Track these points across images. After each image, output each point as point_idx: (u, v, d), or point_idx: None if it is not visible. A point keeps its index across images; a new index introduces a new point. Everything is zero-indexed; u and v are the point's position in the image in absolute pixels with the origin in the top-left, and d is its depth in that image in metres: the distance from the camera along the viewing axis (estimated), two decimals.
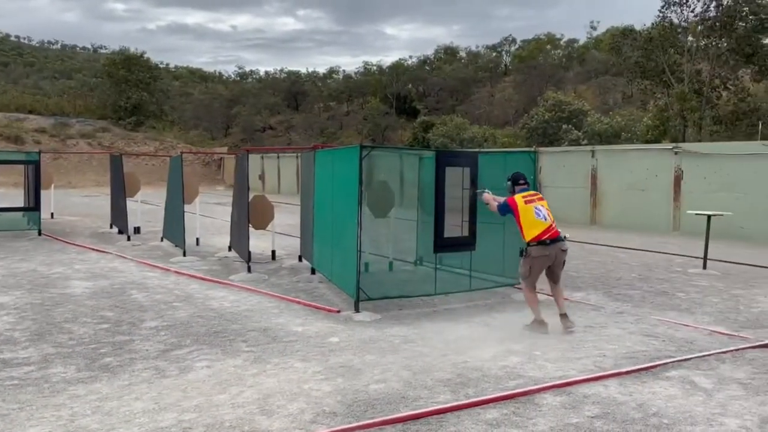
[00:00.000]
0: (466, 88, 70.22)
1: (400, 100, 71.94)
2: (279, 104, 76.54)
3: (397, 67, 78.68)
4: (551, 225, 6.38)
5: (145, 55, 45.94)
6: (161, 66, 68.00)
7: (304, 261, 10.24)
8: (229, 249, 11.56)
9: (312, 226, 9.35)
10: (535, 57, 69.01)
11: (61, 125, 39.19)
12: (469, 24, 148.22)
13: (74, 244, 12.36)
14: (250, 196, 10.03)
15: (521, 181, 6.61)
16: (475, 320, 6.78)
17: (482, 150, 20.18)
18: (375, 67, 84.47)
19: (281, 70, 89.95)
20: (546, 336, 6.10)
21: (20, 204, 15.40)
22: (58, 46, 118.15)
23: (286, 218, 14.72)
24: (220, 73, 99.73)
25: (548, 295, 7.78)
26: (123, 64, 43.04)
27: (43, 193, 14.50)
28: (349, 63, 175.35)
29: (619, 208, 17.28)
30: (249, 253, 9.60)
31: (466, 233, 7.86)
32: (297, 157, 30.34)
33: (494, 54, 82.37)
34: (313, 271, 9.39)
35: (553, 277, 6.55)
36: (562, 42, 77.30)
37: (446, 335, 6.11)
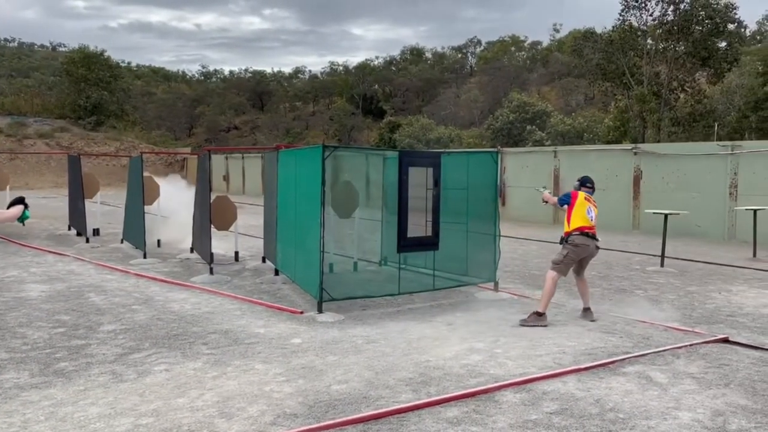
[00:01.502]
0: (432, 89, 70.62)
1: (367, 101, 71.95)
2: (244, 104, 75.74)
3: (364, 68, 78.68)
4: (593, 226, 6.94)
5: (106, 54, 44.98)
6: (123, 65, 66.59)
7: (268, 262, 10.15)
8: (191, 250, 11.39)
9: (275, 227, 9.28)
10: (500, 58, 69.82)
11: (17, 125, 38.05)
12: (435, 25, 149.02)
13: (30, 247, 12.02)
14: (213, 197, 9.89)
15: (588, 184, 7.16)
16: (438, 319, 6.82)
17: (445, 150, 20.33)
18: (341, 68, 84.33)
19: (246, 70, 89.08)
20: (507, 334, 6.17)
21: None
22: (15, 43, 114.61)
23: (250, 219, 14.57)
24: (183, 72, 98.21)
25: (514, 294, 7.89)
26: (82, 63, 42.01)
27: None
28: (316, 63, 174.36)
29: None
30: (211, 254, 9.46)
31: (429, 233, 7.90)
32: (262, 157, 30.10)
33: (460, 55, 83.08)
34: (276, 272, 9.31)
35: (581, 270, 7.12)
36: (526, 44, 78.43)
37: (409, 335, 6.13)
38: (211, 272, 9.27)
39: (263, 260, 10.43)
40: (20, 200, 3.53)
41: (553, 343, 5.86)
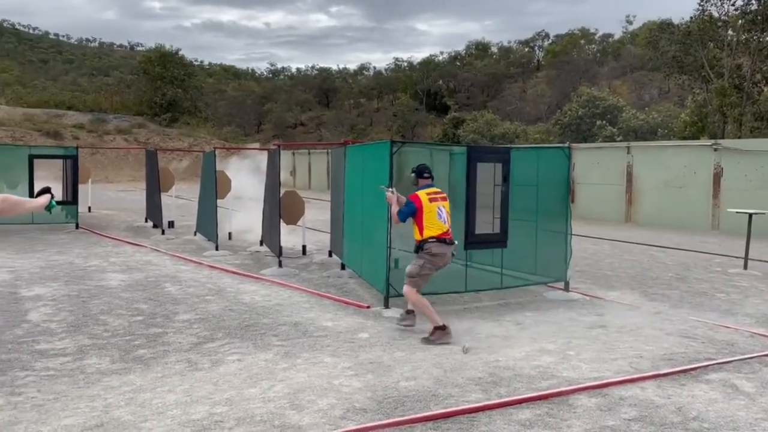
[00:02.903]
0: (498, 84, 69.58)
1: (431, 97, 71.65)
2: (310, 101, 77.02)
3: (428, 63, 78.36)
4: (448, 230, 6.03)
5: (180, 53, 46.65)
6: (196, 63, 68.93)
7: (334, 256, 10.24)
8: (261, 244, 11.64)
9: (342, 222, 9.35)
10: (569, 52, 67.90)
11: (98, 121, 40.06)
12: (501, 19, 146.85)
13: (110, 237, 12.60)
14: (282, 192, 10.07)
15: (425, 174, 6.22)
16: (506, 319, 6.68)
17: (515, 145, 19.94)
18: (405, 64, 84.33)
19: (312, 67, 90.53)
20: (579, 336, 5.97)
21: (58, 198, 15.76)
22: (96, 43, 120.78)
23: (317, 214, 14.76)
24: (252, 70, 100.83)
25: (586, 295, 7.64)
26: (158, 61, 43.74)
27: (80, 187, 14.83)
28: (380, 59, 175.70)
29: (655, 206, 16.89)
30: (280, 248, 9.64)
31: (497, 230, 7.75)
32: (327, 153, 30.44)
33: (527, 49, 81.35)
34: (343, 267, 9.38)
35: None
36: (596, 37, 75.98)
37: (477, 333, 6.03)
38: (280, 265, 9.44)
39: (330, 254, 10.54)
40: (47, 190, 3.60)
41: (629, 346, 5.63)
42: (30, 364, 4.85)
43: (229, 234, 12.62)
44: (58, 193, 15.25)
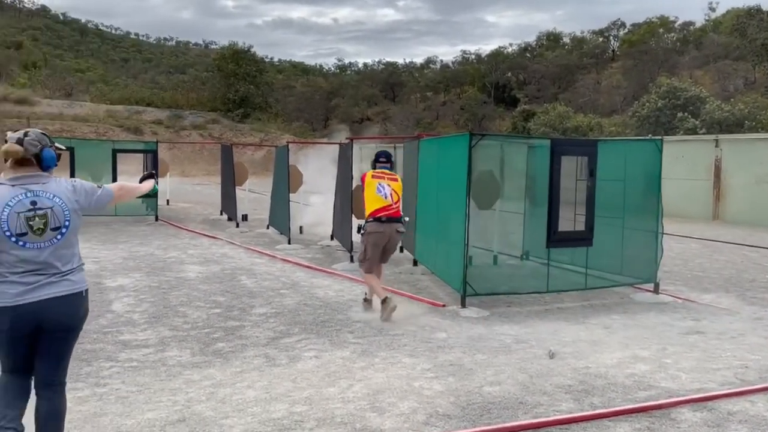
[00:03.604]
0: (570, 76, 67.46)
1: (499, 89, 70.32)
2: (376, 95, 77.18)
3: (497, 56, 76.91)
4: (391, 205, 6.27)
5: (252, 50, 47.70)
6: (266, 60, 70.45)
7: (406, 252, 10.08)
8: (332, 238, 11.62)
9: (414, 217, 9.16)
10: (647, 41, 64.91)
11: (175, 117, 41.56)
12: (573, 8, 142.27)
13: (188, 230, 12.92)
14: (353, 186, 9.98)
15: (382, 159, 6.58)
16: (592, 321, 6.31)
17: (602, 138, 19.14)
18: (473, 56, 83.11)
19: (379, 62, 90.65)
20: (675, 342, 5.55)
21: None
22: (173, 42, 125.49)
23: None
24: (320, 66, 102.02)
25: (678, 297, 7.18)
26: (232, 59, 44.87)
27: (159, 180, 15.31)
28: (447, 53, 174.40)
29: (746, 203, 15.81)
30: (351, 242, 9.56)
31: (581, 227, 7.36)
32: (394, 147, 30.37)
33: (600, 39, 78.38)
34: (415, 263, 9.20)
35: (383, 257, 6.47)
36: (676, 25, 72.25)
37: (562, 336, 5.71)
38: (352, 260, 9.36)
39: (401, 250, 10.37)
40: (150, 175, 3.77)
41: (732, 355, 5.17)
42: (114, 355, 4.93)
43: (300, 228, 12.68)
44: None
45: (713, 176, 16.54)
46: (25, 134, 3.01)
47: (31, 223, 2.88)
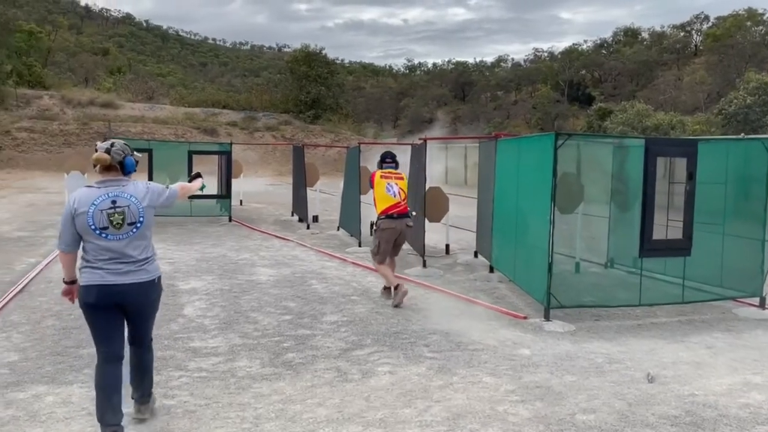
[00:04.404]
0: (649, 72, 64.63)
1: (573, 87, 68.20)
2: (446, 95, 76.54)
3: (571, 53, 74.66)
4: (400, 202, 6.85)
5: (324, 52, 48.17)
6: (337, 62, 71.21)
7: (481, 257, 9.65)
8: None
9: (491, 221, 8.73)
10: (733, 35, 61.14)
11: (249, 119, 42.49)
12: (652, 3, 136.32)
13: (260, 231, 12.96)
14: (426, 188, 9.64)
15: (388, 159, 7.14)
16: (692, 340, 5.70)
17: (703, 137, 17.97)
18: (546, 54, 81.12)
19: (449, 62, 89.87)
20: None
21: (214, 191, 16.61)
22: (248, 46, 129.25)
23: (454, 209, 14.18)
24: (390, 66, 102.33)
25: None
26: (304, 61, 45.43)
27: (233, 181, 15.50)
28: (519, 51, 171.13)
29: None
30: (423, 246, 9.23)
31: (676, 235, 6.72)
32: (465, 147, 29.82)
33: (682, 34, 74.61)
34: (491, 269, 8.77)
35: (395, 251, 6.99)
36: (765, 17, 67.71)
37: (660, 357, 5.17)
38: (424, 265, 9.04)
39: (475, 255, 9.96)
40: (198, 175, 4.32)
41: None
42: (184, 363, 4.80)
43: (371, 229, 12.45)
44: (213, 187, 16.17)
45: None
46: (112, 145, 3.58)
47: (111, 218, 3.45)
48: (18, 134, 32.31)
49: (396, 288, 6.65)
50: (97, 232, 3.43)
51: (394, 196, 6.82)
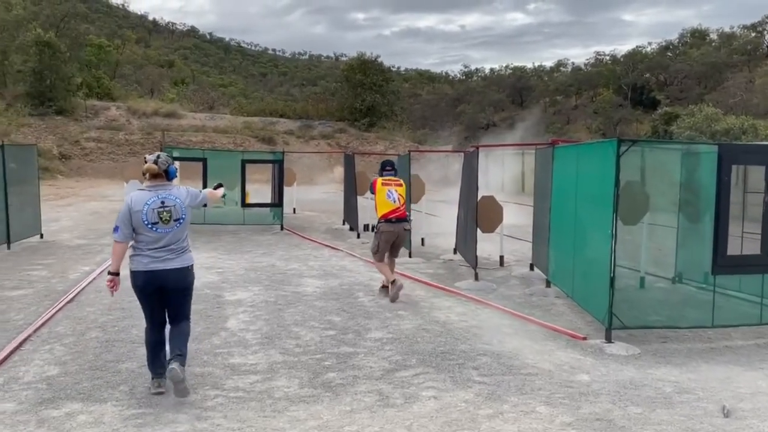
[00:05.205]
0: (717, 75, 61.73)
1: (636, 91, 65.88)
2: (503, 101, 75.41)
3: (634, 56, 72.20)
4: (399, 207, 7.48)
5: (379, 59, 48.26)
6: (393, 69, 71.35)
7: (537, 270, 9.19)
8: (455, 252, 10.98)
9: (548, 232, 8.28)
10: None
11: (305, 127, 42.97)
12: (721, 3, 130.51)
13: (310, 240, 12.86)
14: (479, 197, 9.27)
15: (388, 168, 7.72)
16: None
17: None
18: (608, 57, 78.68)
19: (506, 67, 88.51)
20: None
21: (267, 200, 16.69)
22: (306, 56, 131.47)
23: (509, 218, 13.69)
24: (446, 73, 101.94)
25: None
26: (359, 69, 45.63)
27: (286, 189, 15.52)
28: (579, 55, 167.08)
29: None
30: (476, 258, 8.86)
31: (754, 249, 6.14)
32: (522, 154, 29.14)
33: (753, 34, 71.02)
34: (548, 284, 8.31)
35: (393, 252, 7.66)
36: None
37: (737, 386, 4.65)
38: (477, 278, 8.66)
39: (531, 267, 9.50)
40: (220, 185, 5.02)
41: None
42: (221, 382, 4.63)
43: (422, 239, 12.16)
44: (267, 195, 16.24)
45: None
46: (158, 157, 4.37)
47: (161, 215, 4.24)
48: (86, 144, 33.70)
49: (392, 283, 7.25)
50: (149, 226, 4.20)
51: (394, 201, 7.43)
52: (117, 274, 4.31)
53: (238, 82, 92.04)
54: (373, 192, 7.62)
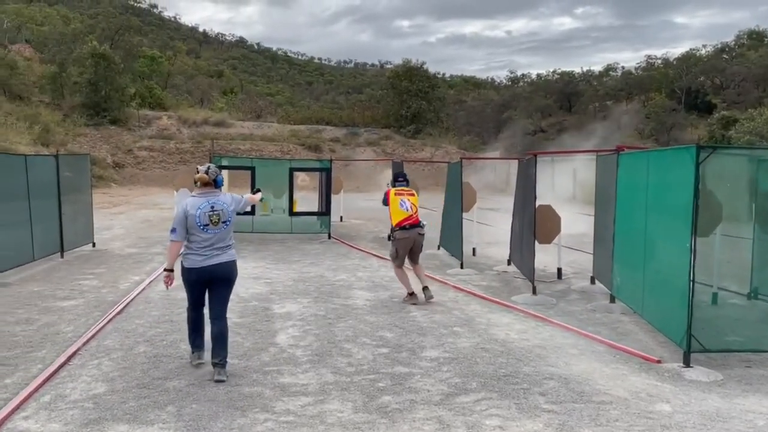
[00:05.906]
0: None
1: (690, 95, 63.55)
2: (551, 106, 73.92)
3: (688, 59, 69.75)
4: (412, 215, 7.78)
5: (425, 66, 47.99)
6: (438, 76, 70.98)
7: (598, 283, 8.69)
8: (509, 263, 10.55)
9: (612, 244, 7.79)
10: None
11: (351, 135, 43.02)
12: None
13: (358, 249, 12.63)
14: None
15: (400, 179, 8.16)
16: None
17: None
18: (660, 61, 76.29)
19: (554, 72, 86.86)
20: None
21: (316, 207, 16.57)
22: (352, 64, 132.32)
23: (565, 228, 13.14)
24: (492, 79, 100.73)
25: None
26: (405, 76, 45.48)
27: (333, 197, 15.36)
28: (630, 59, 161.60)
29: None
30: (533, 270, 8.43)
31: None
32: (573, 159, 28.36)
33: None
34: (612, 299, 7.82)
35: (414, 257, 7.88)
36: None
37: None
38: (534, 292, 8.23)
39: (592, 281, 9.00)
40: (258, 189, 5.81)
41: None
42: (271, 404, 4.38)
43: (473, 249, 11.77)
44: (314, 204, 16.13)
45: None
46: (208, 168, 5.00)
47: (211, 218, 4.86)
48: (139, 153, 34.52)
49: (424, 290, 7.66)
50: (201, 227, 4.84)
51: (407, 210, 7.77)
52: (172, 270, 4.93)
53: (285, 90, 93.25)
54: (386, 203, 7.93)
